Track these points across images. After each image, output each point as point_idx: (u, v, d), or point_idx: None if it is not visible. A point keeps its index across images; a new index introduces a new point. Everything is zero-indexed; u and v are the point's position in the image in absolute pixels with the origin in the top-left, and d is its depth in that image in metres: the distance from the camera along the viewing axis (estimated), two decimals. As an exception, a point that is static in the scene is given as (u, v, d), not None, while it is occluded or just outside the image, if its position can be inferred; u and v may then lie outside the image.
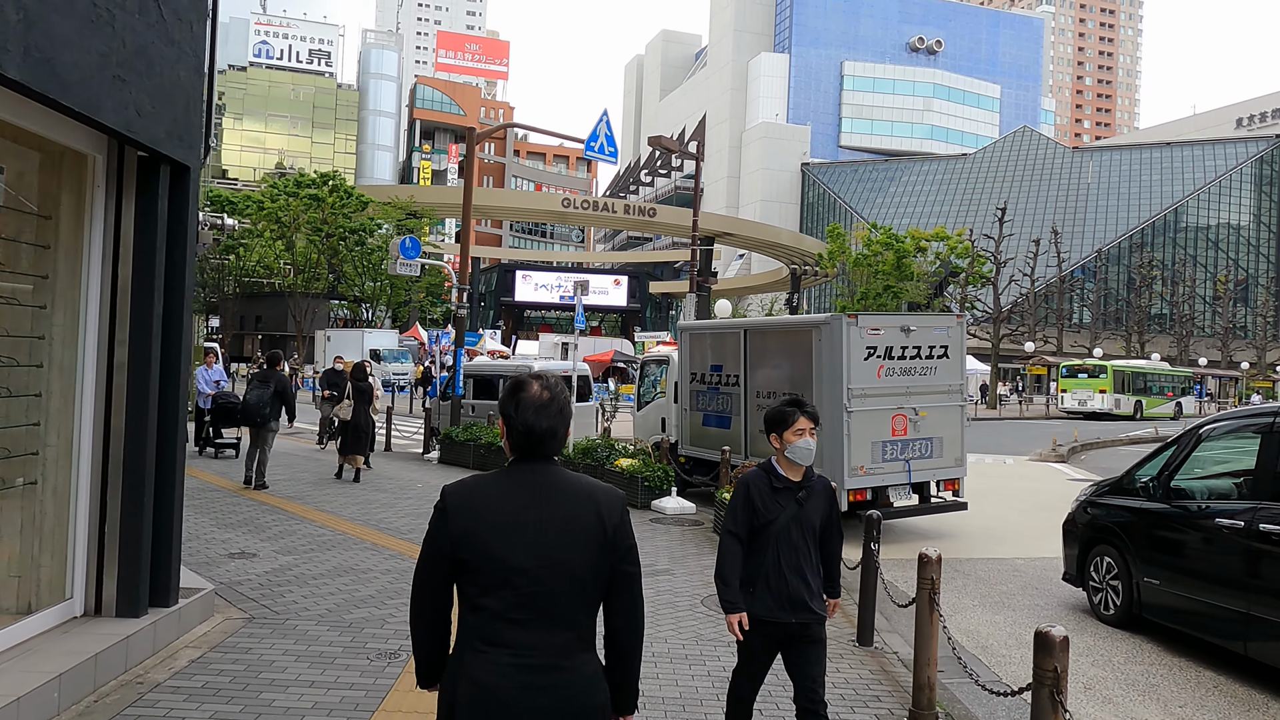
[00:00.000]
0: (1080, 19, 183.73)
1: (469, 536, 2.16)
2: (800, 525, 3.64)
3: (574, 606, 2.18)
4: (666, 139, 21.40)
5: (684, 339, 12.75)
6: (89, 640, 4.58)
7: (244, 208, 48.83)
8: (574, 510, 2.20)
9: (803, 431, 3.69)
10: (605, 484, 2.34)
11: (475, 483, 2.27)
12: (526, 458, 2.25)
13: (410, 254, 14.93)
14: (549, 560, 2.14)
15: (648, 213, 56.45)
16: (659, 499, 11.29)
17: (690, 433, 12.61)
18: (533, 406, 2.23)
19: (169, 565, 5.26)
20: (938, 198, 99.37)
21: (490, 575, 2.13)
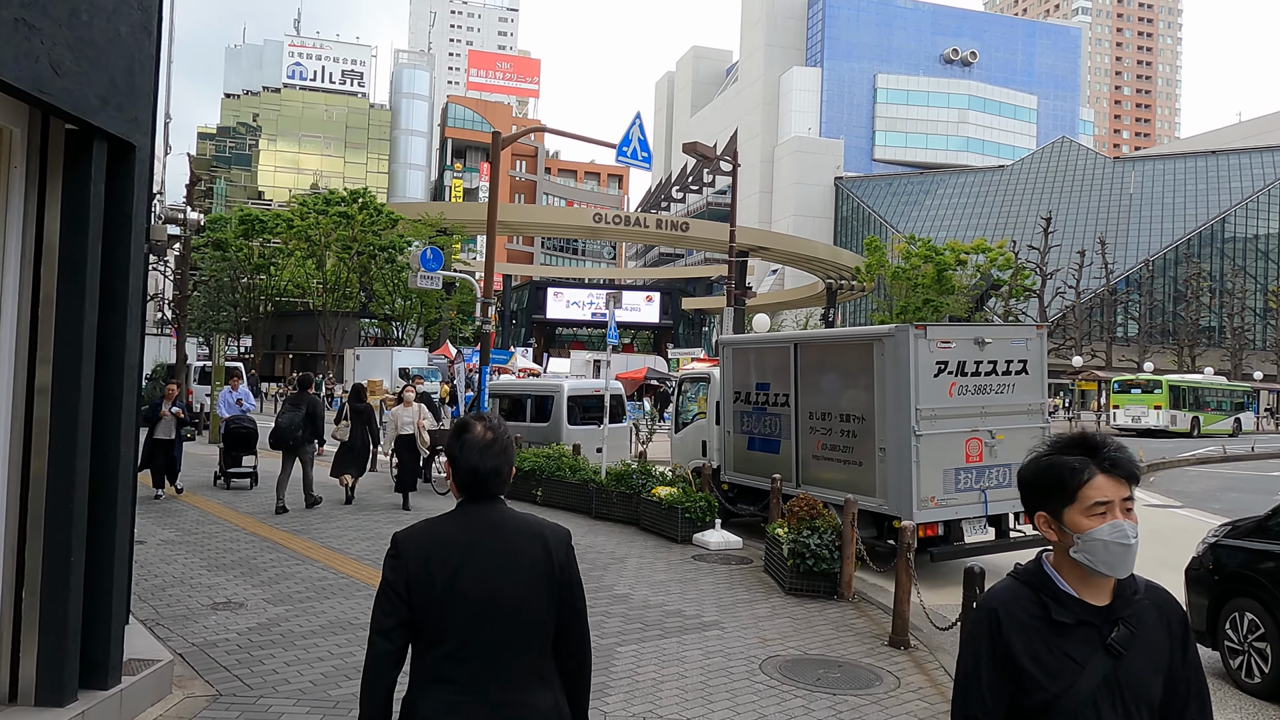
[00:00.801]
0: (1118, 28, 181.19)
1: (421, 578, 2.20)
2: (1119, 695, 1.84)
3: (525, 642, 2.23)
4: (702, 145, 20.42)
5: (726, 354, 11.66)
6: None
7: (274, 226, 48.51)
8: (522, 548, 2.26)
9: (1110, 505, 1.88)
10: (551, 522, 2.39)
11: (426, 526, 2.33)
12: (474, 498, 2.31)
13: (431, 266, 14.01)
14: (499, 598, 2.19)
15: (680, 227, 55.44)
16: (701, 532, 10.17)
17: (734, 457, 11.50)
18: (476, 447, 2.30)
19: (108, 637, 4.25)
20: (975, 211, 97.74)
21: (442, 613, 2.18)
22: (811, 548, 7.85)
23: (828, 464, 9.87)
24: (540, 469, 12.73)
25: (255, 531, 9.91)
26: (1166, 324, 73.91)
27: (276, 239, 50.05)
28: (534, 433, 14.70)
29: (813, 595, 7.85)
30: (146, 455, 11.42)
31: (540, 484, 12.62)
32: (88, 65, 3.87)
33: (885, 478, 9.02)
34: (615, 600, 7.45)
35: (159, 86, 4.72)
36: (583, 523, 11.34)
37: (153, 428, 11.57)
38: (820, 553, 7.84)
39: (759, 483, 10.97)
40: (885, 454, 9.05)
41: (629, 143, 16.01)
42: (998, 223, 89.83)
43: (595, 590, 7.76)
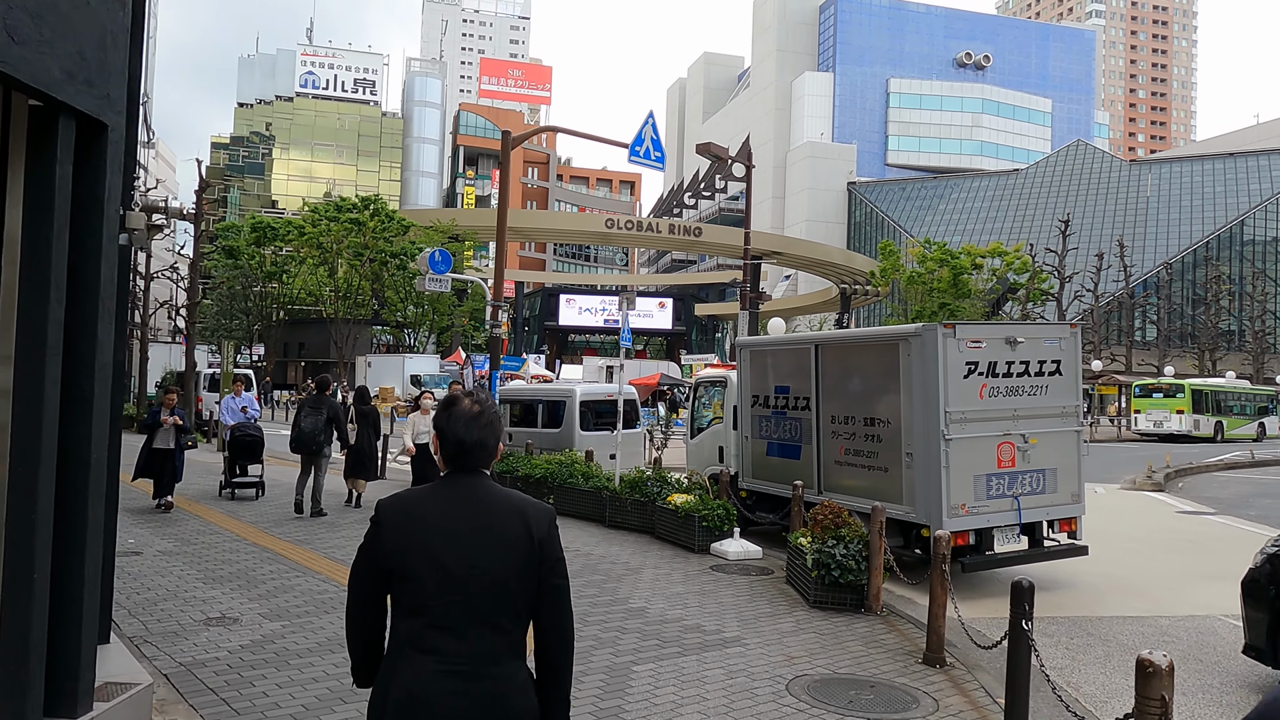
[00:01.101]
0: (1132, 31, 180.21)
1: (401, 547, 2.23)
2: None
3: (502, 615, 2.24)
4: (716, 146, 20.04)
5: (744, 357, 11.26)
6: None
7: (285, 233, 48.41)
8: (503, 522, 2.27)
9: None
10: (534, 499, 2.41)
11: (408, 495, 2.35)
12: (459, 469, 2.34)
13: (439, 268, 13.65)
14: (478, 569, 2.21)
15: (693, 232, 55.03)
16: (719, 541, 9.76)
17: (752, 463, 11.09)
18: (463, 419, 2.33)
19: (77, 661, 3.89)
20: (989, 214, 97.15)
21: (421, 584, 2.20)
22: (837, 558, 7.44)
23: (851, 470, 9.45)
24: (552, 476, 12.35)
25: (256, 541, 9.57)
26: (1185, 328, 73.00)
27: (288, 247, 49.96)
28: (546, 439, 14.32)
29: (839, 608, 7.44)
30: (143, 464, 11.06)
31: (552, 491, 12.24)
32: (50, 34, 3.52)
33: (913, 484, 8.60)
34: (631, 614, 7.06)
35: (140, 67, 4.38)
36: (596, 532, 10.95)
37: (151, 436, 11.20)
38: (847, 563, 7.42)
39: (779, 490, 10.56)
40: (913, 459, 8.63)
41: (641, 143, 15.63)
42: (1013, 227, 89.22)
43: (610, 604, 7.37)
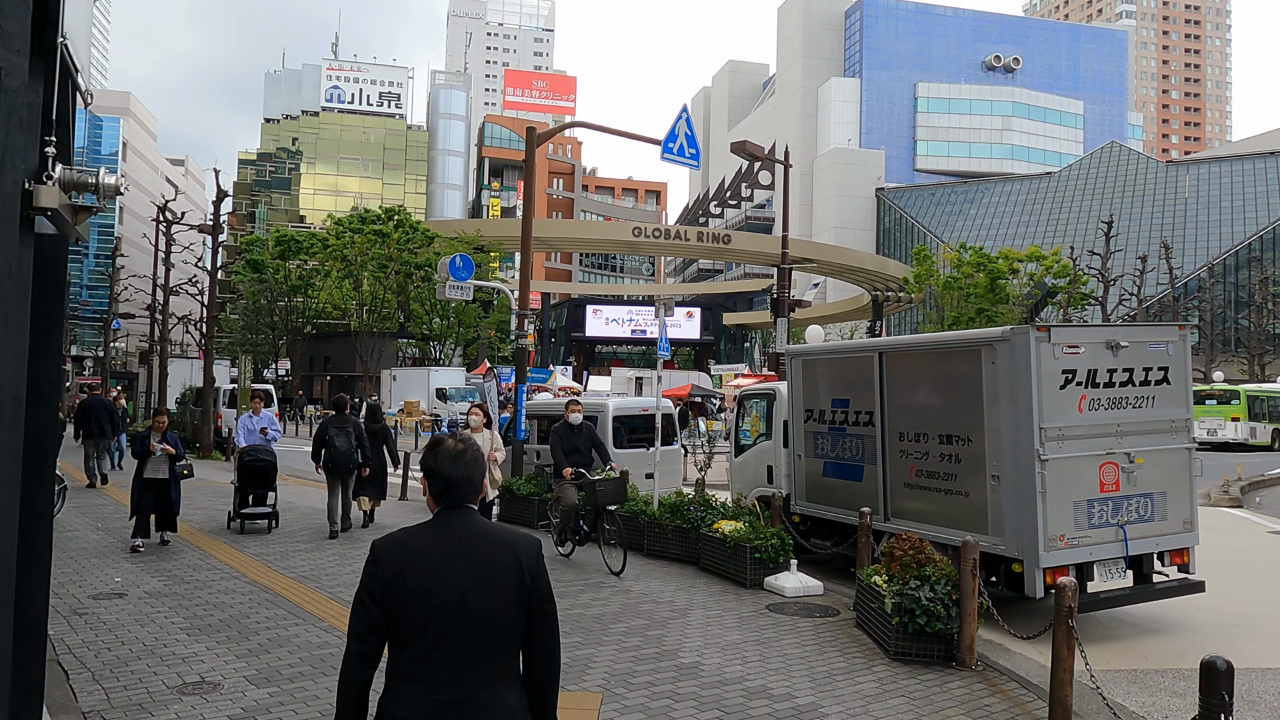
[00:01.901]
0: (1164, 30, 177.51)
1: (397, 584, 2.33)
2: None
3: (494, 645, 2.35)
4: (751, 144, 18.99)
5: (794, 367, 10.17)
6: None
7: (309, 246, 47.92)
8: (493, 556, 2.39)
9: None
10: (522, 531, 2.57)
11: (403, 534, 2.46)
12: (448, 506, 2.48)
13: (461, 275, 12.68)
14: (470, 603, 2.31)
15: (723, 240, 53.97)
16: (774, 575, 8.66)
17: (806, 485, 9.99)
18: (449, 457, 2.48)
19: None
20: (1022, 219, 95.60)
21: (416, 618, 2.29)
22: (923, 603, 6.33)
23: (924, 494, 8.33)
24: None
25: (258, 579, 8.59)
26: (1228, 331, 70.84)
27: (313, 260, 49.50)
28: (576, 457, 13.29)
29: (925, 661, 6.32)
30: (136, 499, 10.05)
31: (584, 516, 11.21)
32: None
33: (1000, 511, 7.47)
34: (683, 673, 5.98)
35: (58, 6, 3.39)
36: (634, 561, 9.90)
37: (142, 466, 10.14)
38: (934, 609, 6.31)
39: (837, 515, 9.46)
40: (999, 483, 7.50)
41: (675, 139, 14.61)
42: (1046, 231, 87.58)
43: (657, 658, 6.30)
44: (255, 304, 55.39)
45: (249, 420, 12.14)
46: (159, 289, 27.46)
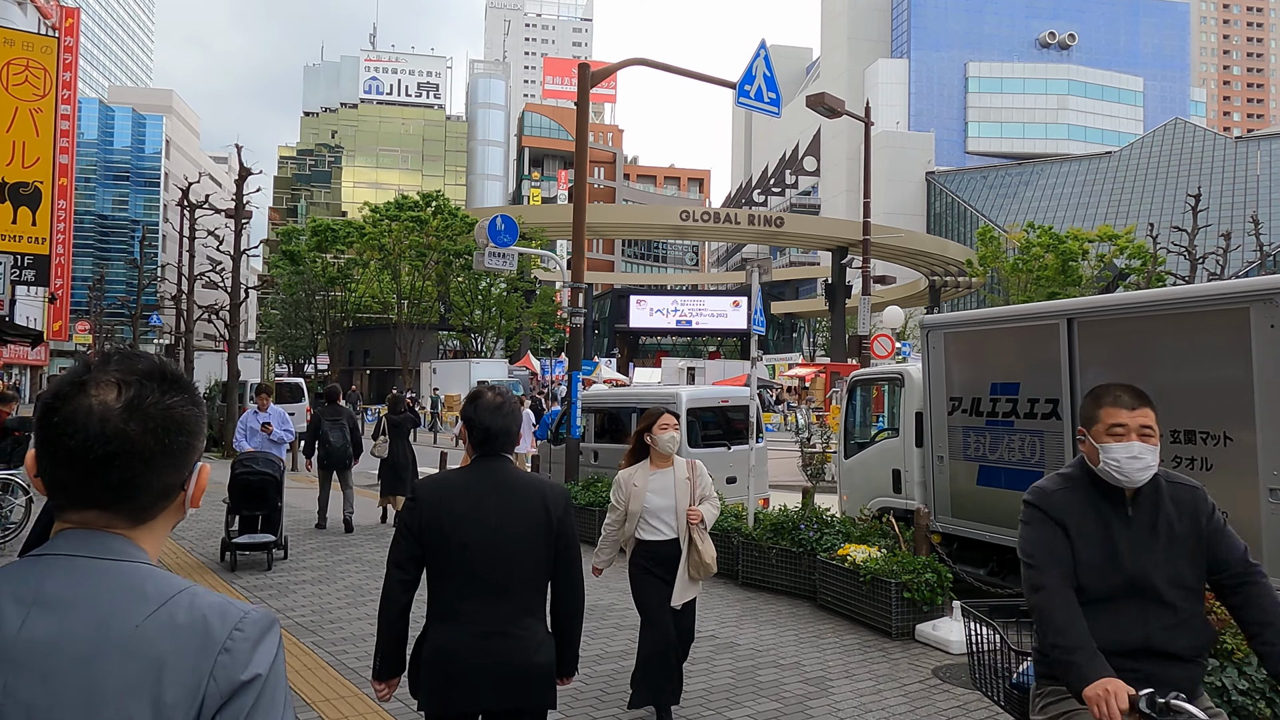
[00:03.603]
0: (1224, 4, 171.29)
1: (434, 522, 2.55)
2: None
3: (521, 583, 2.56)
4: (830, 96, 16.64)
5: (934, 343, 7.85)
6: None
7: (345, 234, 46.30)
8: (524, 502, 2.59)
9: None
10: (552, 481, 3.06)
11: (442, 476, 2.71)
12: (485, 454, 2.69)
13: (502, 239, 10.50)
14: (501, 543, 2.51)
15: (775, 223, 51.34)
16: (931, 622, 6.40)
17: (952, 496, 7.69)
18: (489, 409, 2.69)
19: None
20: (1080, 200, 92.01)
21: (451, 555, 2.49)
22: (1233, 697, 4.03)
23: (1145, 512, 6.00)
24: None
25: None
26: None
27: (350, 250, 47.93)
28: (642, 458, 11.11)
29: (1232, 787, 4.03)
30: None
31: (659, 532, 9.04)
32: None
33: (1275, 530, 5.15)
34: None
35: None
36: (726, 594, 7.70)
37: None
38: (1254, 709, 4.01)
39: (999, 536, 7.17)
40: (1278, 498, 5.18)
41: (751, 80, 12.36)
42: (1108, 212, 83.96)
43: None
44: (293, 297, 54.00)
45: (251, 418, 9.92)
46: (183, 278, 25.78)
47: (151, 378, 1.16)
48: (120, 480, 1.11)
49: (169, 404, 1.15)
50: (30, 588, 1.06)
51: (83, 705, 1.00)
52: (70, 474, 1.11)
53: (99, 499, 1.12)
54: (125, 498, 1.12)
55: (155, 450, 1.12)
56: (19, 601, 1.05)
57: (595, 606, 7.25)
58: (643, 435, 4.83)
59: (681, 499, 4.71)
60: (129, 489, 1.12)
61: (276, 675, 1.09)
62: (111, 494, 1.11)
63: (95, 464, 1.10)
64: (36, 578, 1.07)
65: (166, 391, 1.16)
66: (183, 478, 1.18)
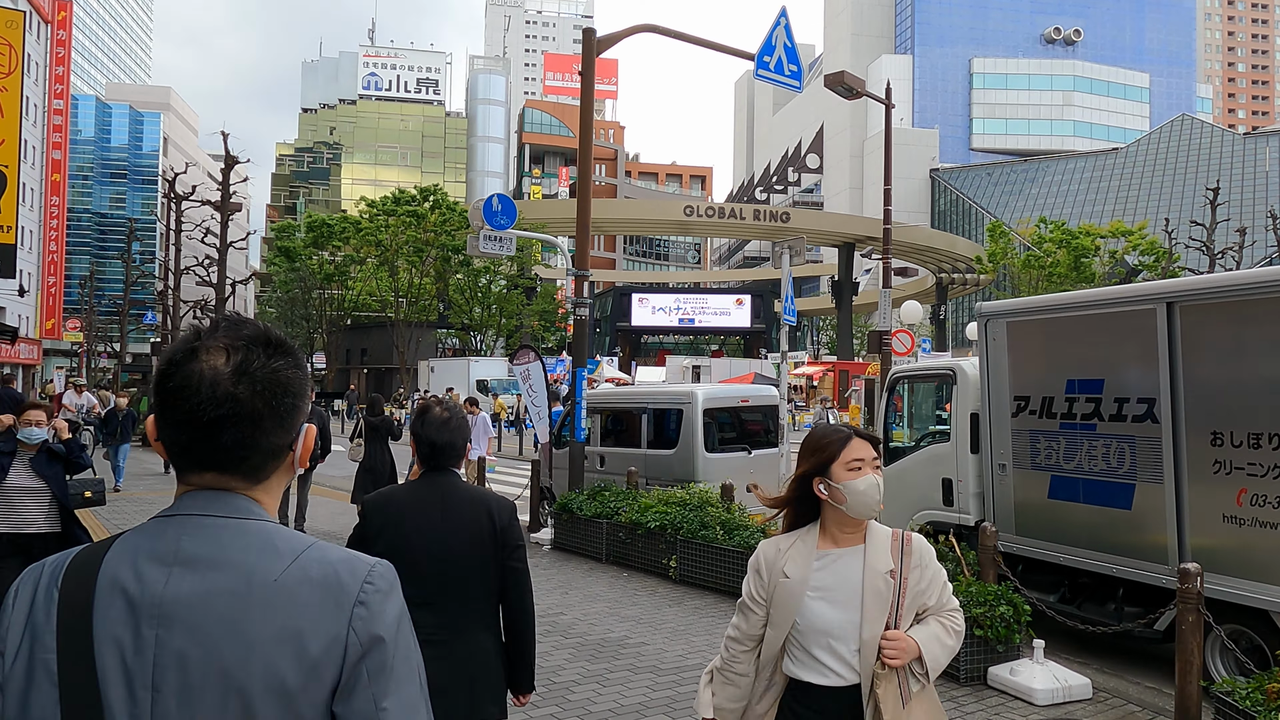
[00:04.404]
0: (1229, 1, 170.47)
1: (384, 533, 2.59)
2: None
3: (471, 593, 2.60)
4: (850, 76, 15.61)
5: (996, 333, 6.81)
6: None
7: (341, 230, 45.28)
8: (470, 514, 2.63)
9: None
10: (498, 495, 2.83)
11: (390, 491, 2.81)
12: (432, 469, 2.75)
13: (499, 221, 9.45)
14: (448, 555, 2.54)
15: (780, 218, 50.26)
16: (1008, 665, 5.36)
17: (1017, 510, 6.65)
18: (436, 424, 2.74)
19: None
20: (1087, 197, 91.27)
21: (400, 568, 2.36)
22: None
23: (1271, 535, 4.98)
24: (673, 525, 8.09)
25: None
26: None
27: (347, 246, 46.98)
28: (653, 464, 10.01)
29: None
30: None
31: (674, 549, 8.00)
32: None
33: None
34: None
35: None
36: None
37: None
38: None
39: (1078, 558, 6.14)
40: None
41: (771, 51, 11.34)
42: (1115, 209, 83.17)
43: None
44: (289, 294, 53.01)
45: None
46: (170, 273, 24.78)
47: (257, 342, 1.18)
48: (232, 441, 1.14)
49: (275, 367, 1.17)
50: (169, 547, 1.11)
51: (232, 655, 1.06)
52: (186, 436, 1.15)
53: (214, 460, 1.15)
54: (239, 458, 1.15)
55: (263, 411, 1.15)
56: (160, 560, 1.10)
57: (605, 641, 6.23)
58: (811, 480, 2.44)
59: (874, 611, 2.35)
60: (241, 449, 1.15)
61: (406, 625, 1.15)
62: (225, 455, 1.15)
63: (208, 426, 1.13)
64: (174, 538, 1.12)
65: (272, 355, 1.18)
66: (290, 438, 1.20)
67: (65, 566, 1.13)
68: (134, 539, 1.14)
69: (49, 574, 1.13)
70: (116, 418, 14.57)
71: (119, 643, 1.06)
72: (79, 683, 1.05)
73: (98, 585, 1.09)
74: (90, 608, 1.08)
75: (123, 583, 1.09)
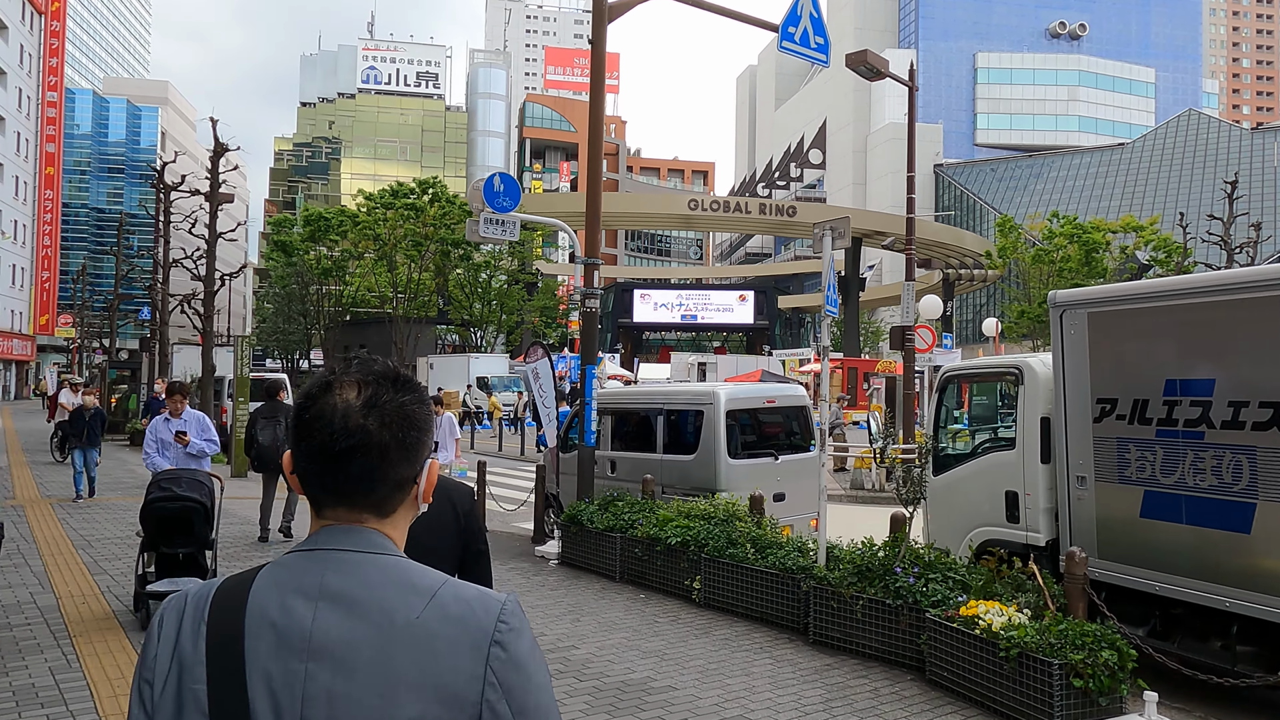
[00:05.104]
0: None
1: None
2: None
3: None
4: (872, 54, 14.69)
5: (1074, 326, 5.91)
6: None
7: (338, 224, 44.36)
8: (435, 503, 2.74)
9: None
10: (456, 482, 2.93)
11: None
12: None
13: (500, 203, 8.52)
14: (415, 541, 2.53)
15: (787, 211, 49.28)
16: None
17: (1099, 529, 5.76)
18: None
19: None
20: (1092, 193, 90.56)
21: None
22: None
23: None
24: (697, 541, 7.20)
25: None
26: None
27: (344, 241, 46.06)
28: (669, 470, 9.11)
29: None
30: None
31: (698, 569, 7.11)
32: None
33: None
34: None
35: None
36: (797, 655, 5.78)
37: None
38: None
39: (1175, 586, 5.24)
40: None
41: (796, 19, 10.45)
42: (1121, 205, 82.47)
43: None
44: (285, 290, 52.11)
45: (162, 426, 7.44)
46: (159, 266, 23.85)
47: (386, 379, 1.24)
48: (360, 472, 1.18)
49: (402, 401, 1.22)
50: (314, 582, 1.14)
51: (376, 691, 1.08)
52: (319, 466, 1.19)
53: (343, 490, 1.19)
54: (366, 489, 1.19)
55: (390, 443, 1.19)
56: (306, 595, 1.13)
57: (627, 684, 5.34)
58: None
59: None
60: (369, 480, 1.19)
61: (539, 656, 1.17)
62: (353, 485, 1.19)
63: (339, 455, 1.18)
64: (317, 573, 1.15)
65: (399, 391, 1.24)
66: (415, 471, 1.24)
67: (210, 599, 1.15)
68: (277, 573, 1.16)
69: (194, 606, 1.15)
70: (83, 418, 12.93)
71: (268, 675, 1.09)
72: (231, 713, 1.07)
73: (246, 618, 1.12)
74: (240, 640, 1.11)
75: (271, 617, 1.11)
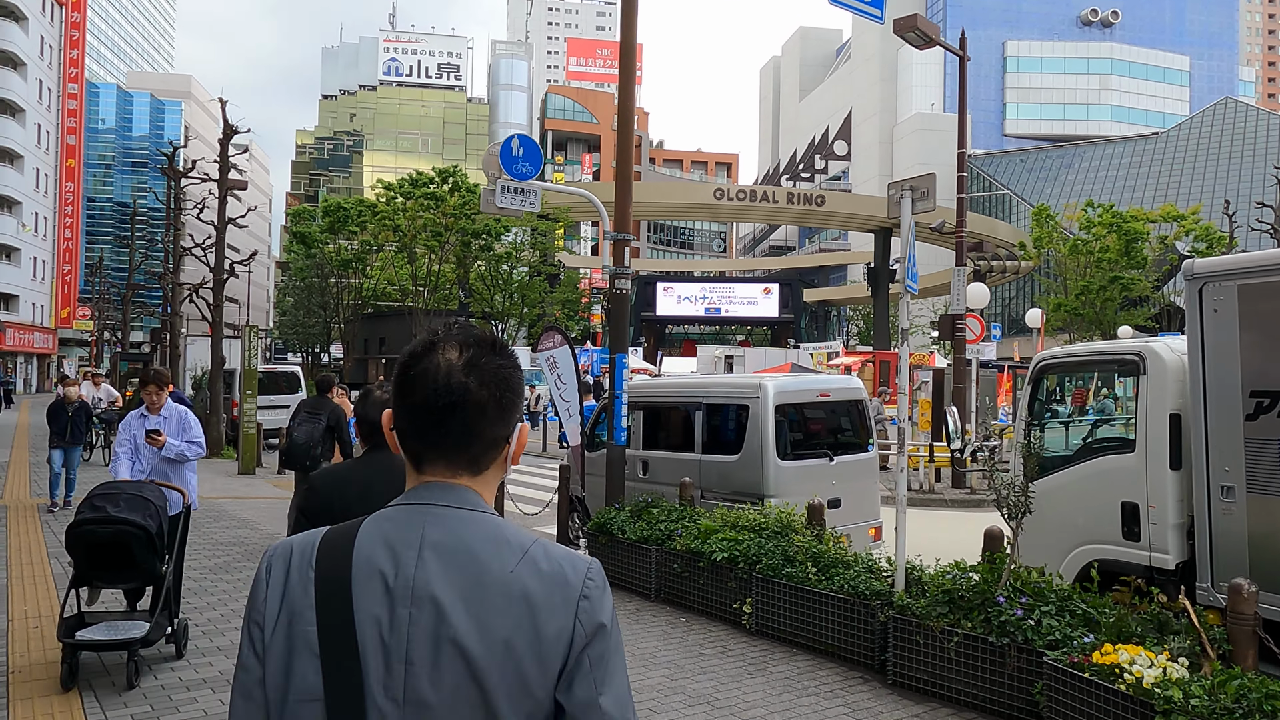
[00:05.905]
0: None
1: (326, 508, 2.65)
2: None
3: None
4: (922, 19, 13.60)
5: (1221, 301, 4.82)
6: None
7: (357, 214, 43.65)
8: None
9: None
10: None
11: (335, 467, 3.00)
12: (374, 446, 2.94)
13: (519, 169, 7.49)
14: None
15: (815, 201, 48.01)
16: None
17: (1252, 551, 4.67)
18: (378, 406, 2.94)
19: None
20: (1125, 184, 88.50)
21: None
22: None
23: None
24: (748, 557, 6.17)
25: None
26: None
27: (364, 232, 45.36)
28: (709, 472, 8.06)
29: None
30: None
31: (749, 589, 6.08)
32: None
33: None
34: None
35: None
36: (875, 701, 4.74)
37: None
38: None
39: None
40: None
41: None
42: (1155, 195, 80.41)
43: None
44: (305, 282, 51.50)
45: (137, 422, 6.33)
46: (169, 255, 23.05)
47: (484, 343, 1.33)
48: (460, 428, 1.26)
49: (499, 364, 1.31)
50: (415, 534, 1.22)
51: (475, 638, 1.16)
52: (420, 422, 1.27)
53: (442, 445, 1.27)
54: (464, 445, 1.26)
55: (488, 402, 1.27)
56: (409, 546, 1.22)
57: None
58: None
59: None
60: (466, 436, 1.27)
61: (616, 621, 1.25)
62: (453, 440, 1.26)
63: (441, 411, 1.25)
64: (417, 525, 1.24)
65: (497, 355, 1.32)
66: (508, 431, 1.31)
67: (316, 547, 1.24)
68: (381, 524, 1.25)
69: (300, 554, 1.24)
70: (65, 413, 11.31)
71: (377, 620, 1.16)
72: (341, 654, 1.16)
73: (354, 566, 1.20)
74: (348, 586, 1.18)
75: (378, 564, 1.19)
